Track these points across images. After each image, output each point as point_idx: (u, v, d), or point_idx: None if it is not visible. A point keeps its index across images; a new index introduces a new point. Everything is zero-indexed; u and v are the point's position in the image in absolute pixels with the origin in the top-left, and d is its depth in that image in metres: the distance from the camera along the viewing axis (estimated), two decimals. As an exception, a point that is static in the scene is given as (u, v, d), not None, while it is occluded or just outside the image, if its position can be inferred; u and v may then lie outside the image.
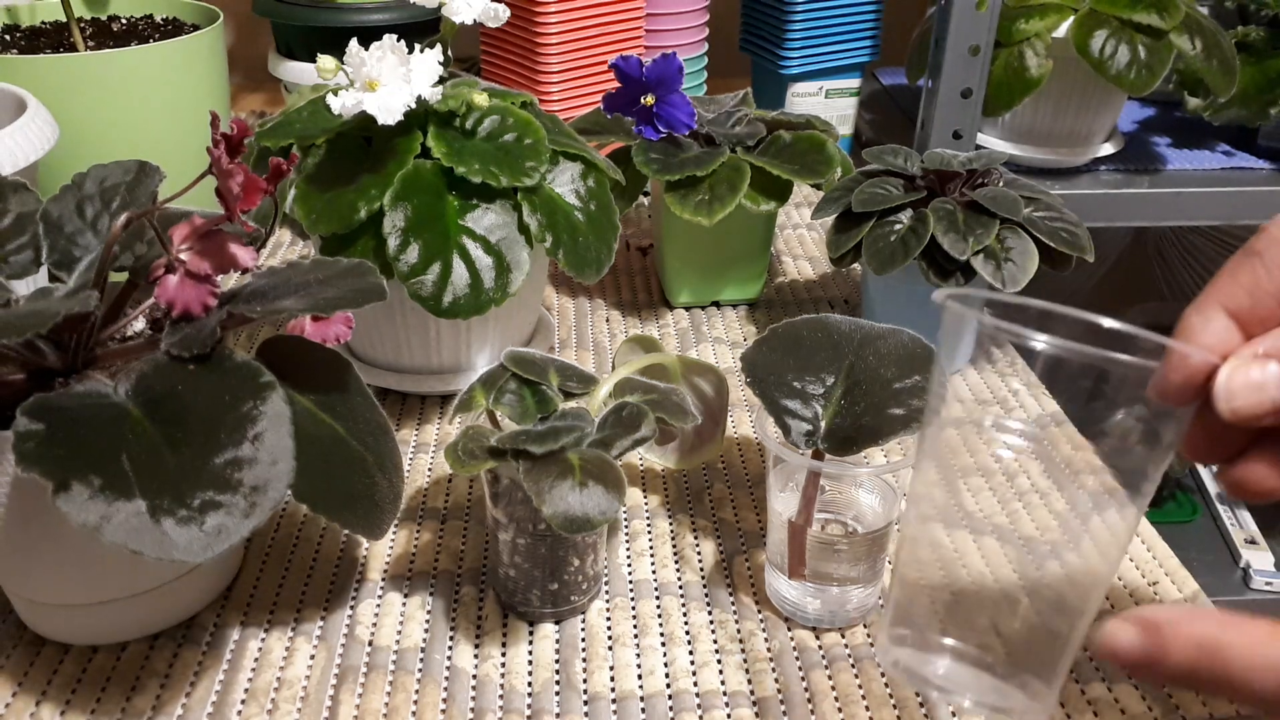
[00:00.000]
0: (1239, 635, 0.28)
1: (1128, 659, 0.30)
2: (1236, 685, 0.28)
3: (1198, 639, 0.28)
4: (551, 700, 0.45)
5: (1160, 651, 0.29)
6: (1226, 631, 0.28)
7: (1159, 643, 0.29)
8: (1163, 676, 0.29)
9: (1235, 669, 0.28)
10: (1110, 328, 0.33)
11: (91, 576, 0.44)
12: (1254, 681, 0.27)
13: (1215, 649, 0.28)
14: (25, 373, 0.42)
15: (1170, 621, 0.29)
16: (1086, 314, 0.34)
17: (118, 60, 0.71)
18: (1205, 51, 0.83)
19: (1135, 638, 0.29)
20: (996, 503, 0.37)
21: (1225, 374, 0.31)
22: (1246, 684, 0.28)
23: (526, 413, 0.46)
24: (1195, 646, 0.28)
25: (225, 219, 0.42)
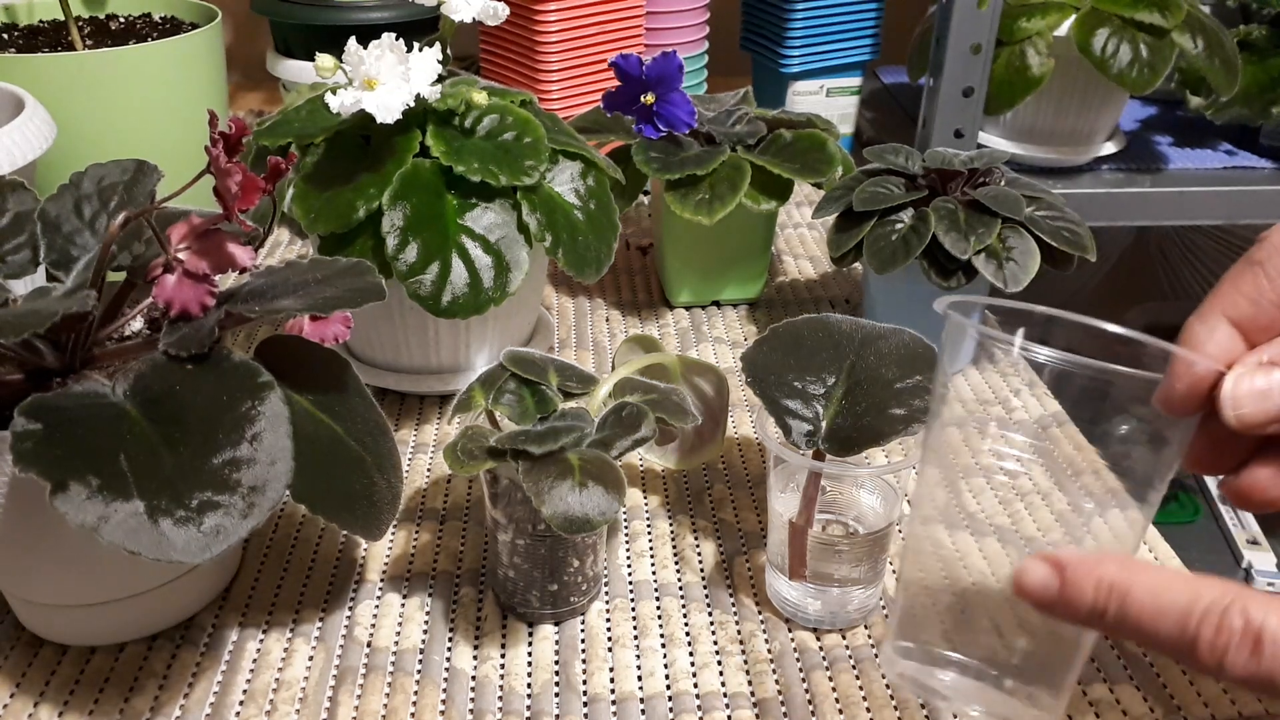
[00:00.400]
0: (1142, 578, 0.29)
1: (1037, 597, 0.30)
2: (1136, 627, 0.29)
3: (1103, 581, 0.29)
4: (551, 702, 0.44)
5: (1066, 591, 0.30)
6: (1131, 575, 0.29)
7: (1066, 583, 0.30)
8: (1069, 616, 0.30)
9: (1135, 611, 0.29)
10: (1116, 333, 0.33)
11: (89, 577, 0.44)
12: (1153, 624, 0.28)
13: (1119, 591, 0.29)
14: (23, 372, 0.42)
15: (1077, 563, 0.30)
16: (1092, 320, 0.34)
17: (116, 59, 0.71)
18: (1207, 50, 0.83)
19: (1044, 576, 0.30)
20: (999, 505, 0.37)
21: (1230, 383, 0.32)
22: (1147, 626, 0.28)
23: (526, 413, 0.46)
24: (1100, 588, 0.29)
25: (223, 218, 0.42)
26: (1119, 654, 0.47)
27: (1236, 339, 0.33)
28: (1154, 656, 0.47)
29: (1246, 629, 0.27)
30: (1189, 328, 0.34)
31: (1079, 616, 0.30)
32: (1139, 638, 0.29)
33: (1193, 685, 0.45)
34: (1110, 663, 0.47)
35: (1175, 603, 0.28)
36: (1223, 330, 0.33)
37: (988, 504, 0.38)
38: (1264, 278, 0.33)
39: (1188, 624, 0.28)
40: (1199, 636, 0.28)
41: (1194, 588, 0.28)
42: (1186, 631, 0.28)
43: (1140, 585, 0.29)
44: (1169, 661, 0.47)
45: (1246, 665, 0.27)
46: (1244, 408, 0.31)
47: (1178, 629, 0.28)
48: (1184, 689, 0.45)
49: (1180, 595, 0.28)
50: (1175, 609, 0.28)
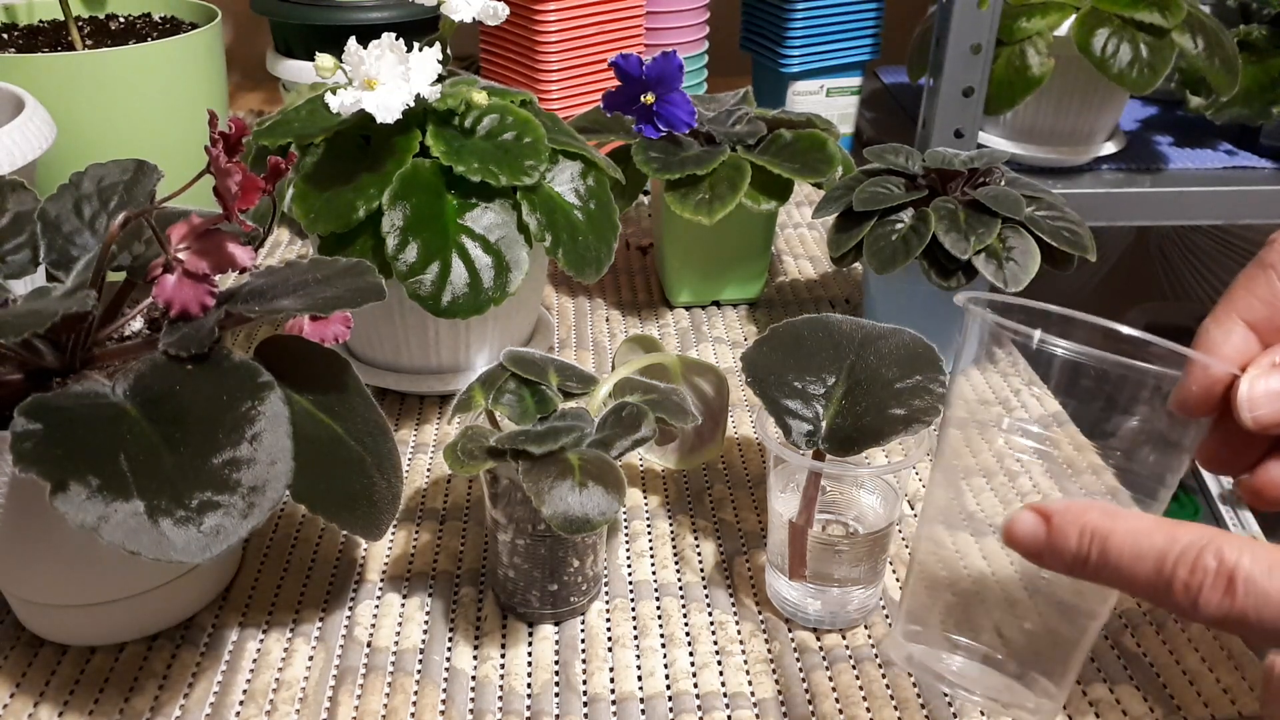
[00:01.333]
0: (1123, 524, 0.29)
1: (1025, 545, 0.31)
2: (1116, 570, 0.29)
3: (1086, 527, 0.30)
4: (551, 702, 0.44)
5: (1053, 538, 0.30)
6: (1112, 521, 0.30)
7: (1052, 530, 0.30)
8: (1056, 563, 0.31)
9: (1115, 555, 0.29)
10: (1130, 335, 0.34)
11: (89, 577, 0.44)
12: (1131, 567, 0.29)
13: (1101, 536, 0.30)
14: (23, 372, 0.42)
15: (1064, 510, 0.30)
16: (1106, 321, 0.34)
17: (116, 59, 0.71)
18: (1207, 50, 0.83)
19: (1032, 525, 0.31)
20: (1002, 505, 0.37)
21: (1246, 384, 0.32)
22: (1125, 569, 0.29)
23: (526, 413, 0.46)
24: (1083, 534, 0.30)
25: (223, 218, 0.42)
26: (1119, 654, 0.47)
27: (1252, 341, 0.34)
28: (1154, 656, 0.47)
29: (1220, 569, 0.28)
30: (1205, 331, 0.34)
31: (1064, 563, 0.30)
32: (1119, 582, 0.29)
33: (1192, 685, 0.45)
34: (1110, 663, 0.47)
35: (1153, 546, 0.29)
36: (1238, 333, 0.34)
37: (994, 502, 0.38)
38: (1277, 280, 0.34)
39: (1164, 566, 0.28)
40: (1174, 577, 0.28)
41: (1171, 531, 0.29)
42: (1163, 573, 0.28)
43: (1120, 530, 0.29)
44: (1169, 661, 0.47)
45: (1220, 605, 0.27)
46: (1260, 409, 0.32)
47: (1154, 571, 0.29)
48: (1184, 689, 0.45)
49: (1158, 538, 0.29)
50: (1153, 552, 0.29)
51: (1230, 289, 0.35)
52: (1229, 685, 0.45)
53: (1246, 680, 0.46)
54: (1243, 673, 0.46)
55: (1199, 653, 0.47)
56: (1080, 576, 0.30)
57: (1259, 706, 0.29)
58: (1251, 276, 0.34)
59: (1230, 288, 0.35)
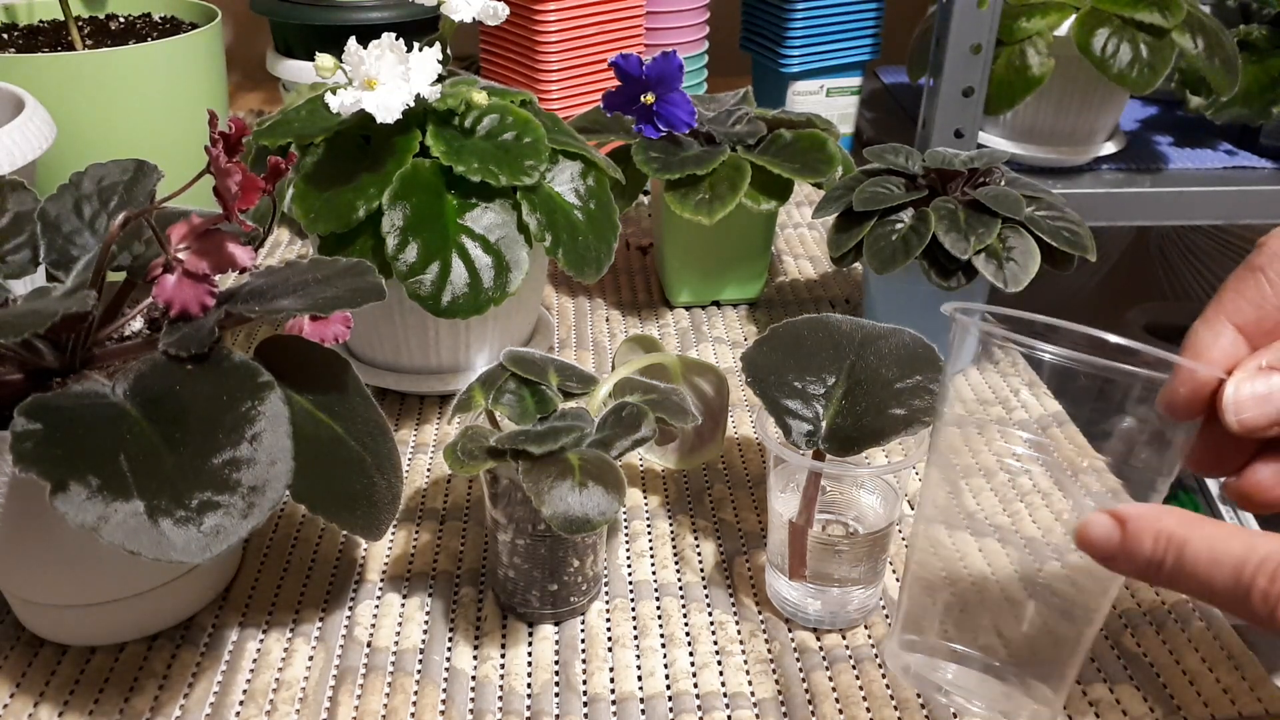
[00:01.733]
0: (1199, 531, 0.30)
1: (1099, 549, 0.31)
2: (1193, 577, 0.30)
3: (1162, 533, 0.30)
4: (551, 702, 0.44)
5: (1128, 543, 0.31)
6: (1188, 528, 0.30)
7: (1127, 535, 0.31)
8: (1128, 567, 0.31)
9: (1191, 562, 0.29)
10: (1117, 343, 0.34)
11: (89, 577, 0.44)
12: (1209, 574, 0.29)
13: (1177, 542, 0.30)
14: (23, 372, 0.42)
15: (1138, 516, 0.31)
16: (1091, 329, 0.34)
17: (116, 59, 0.71)
18: (1207, 50, 0.83)
19: (1107, 528, 0.31)
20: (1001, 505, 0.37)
21: (1232, 388, 0.32)
22: (1204, 576, 0.29)
23: (526, 413, 0.46)
24: (1159, 540, 0.30)
25: (223, 218, 0.42)
26: (1119, 654, 0.47)
27: (1240, 343, 0.34)
28: (1154, 656, 0.47)
29: None
30: (1194, 333, 0.35)
31: (1137, 567, 0.31)
32: (1194, 588, 0.30)
33: (1192, 685, 0.45)
34: (1110, 663, 0.47)
35: (1231, 553, 0.29)
36: (1227, 335, 0.34)
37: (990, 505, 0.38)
38: (1265, 283, 0.34)
39: (1242, 574, 0.29)
40: (1253, 586, 0.28)
41: (1250, 540, 0.29)
42: (1241, 582, 0.29)
43: (1198, 537, 0.30)
44: (1169, 661, 0.47)
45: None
46: (1245, 412, 0.32)
47: (1232, 579, 0.29)
48: (1184, 689, 0.45)
49: (1236, 547, 0.29)
50: (1230, 559, 0.29)
51: (1219, 292, 0.35)
52: (1229, 685, 0.45)
53: (1246, 680, 0.46)
54: (1243, 673, 0.46)
55: (1199, 653, 0.47)
56: (1154, 582, 0.31)
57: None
58: (1240, 279, 0.35)
59: (1219, 291, 0.35)
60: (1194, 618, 0.49)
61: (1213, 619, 0.49)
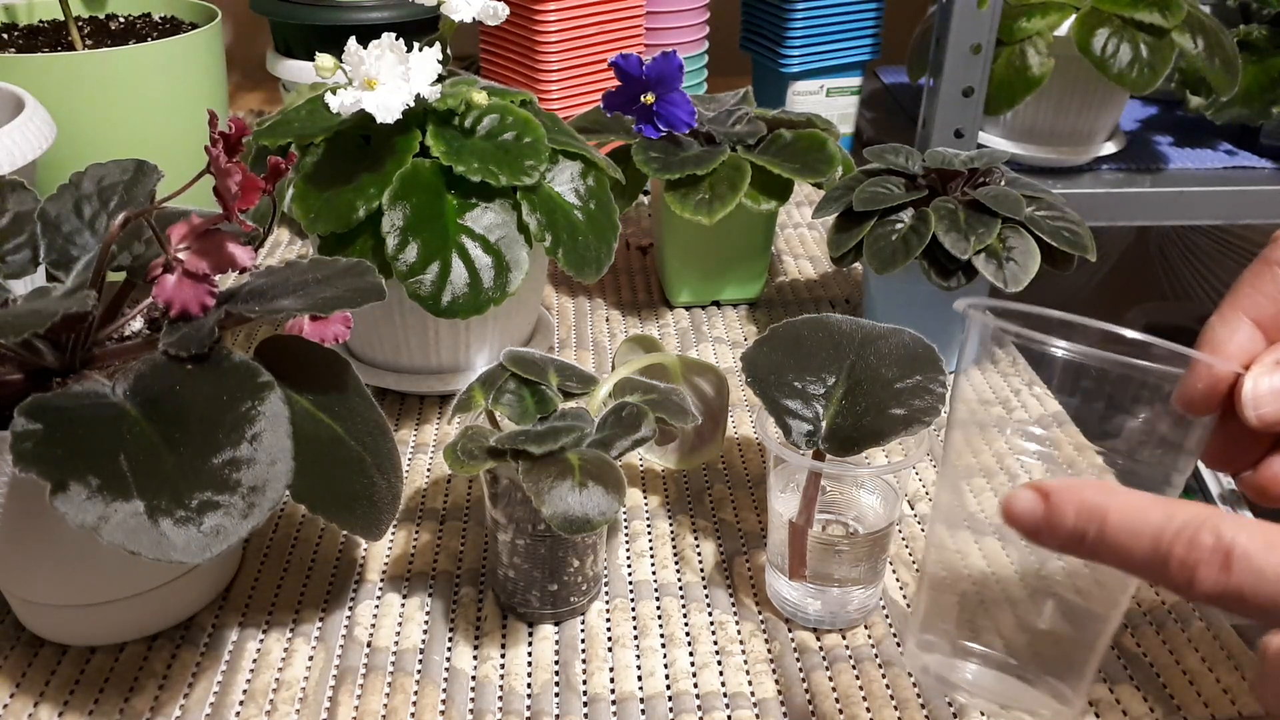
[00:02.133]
0: (1119, 501, 0.29)
1: (1023, 523, 0.31)
2: (1114, 547, 0.29)
3: (1084, 504, 0.30)
4: (551, 702, 0.44)
5: (1050, 516, 0.30)
6: (1109, 498, 0.30)
7: (1050, 507, 0.30)
8: (1053, 541, 0.30)
9: (1112, 533, 0.29)
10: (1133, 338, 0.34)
11: (89, 577, 0.44)
12: (1129, 544, 0.29)
13: (1098, 513, 0.29)
14: (23, 373, 0.42)
15: (1061, 489, 0.30)
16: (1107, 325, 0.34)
17: (116, 59, 0.71)
18: (1207, 50, 0.83)
19: (1030, 502, 0.31)
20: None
21: (1250, 382, 0.32)
22: (1124, 547, 0.29)
23: (526, 413, 0.46)
24: (1081, 512, 0.30)
25: (223, 218, 0.42)
26: (1119, 654, 0.47)
27: (1258, 338, 0.34)
28: (1154, 656, 0.47)
29: (1217, 546, 0.28)
30: (1210, 328, 0.35)
31: (1061, 540, 0.30)
32: (1116, 559, 0.29)
33: (1192, 685, 0.45)
34: (1110, 663, 0.47)
35: (1149, 522, 0.29)
36: (1244, 330, 0.34)
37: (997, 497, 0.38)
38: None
39: (1160, 542, 0.28)
40: (1170, 554, 0.28)
41: (1169, 509, 0.29)
42: (1159, 550, 0.28)
43: (1117, 507, 0.29)
44: (1169, 661, 0.47)
45: (1216, 581, 0.27)
46: (1264, 407, 0.32)
47: (1151, 548, 0.29)
48: (1184, 689, 0.45)
49: (1155, 515, 0.29)
50: (1149, 529, 0.29)
51: (1235, 286, 0.35)
52: (1229, 685, 0.45)
53: (1247, 680, 0.46)
54: (1242, 673, 0.46)
55: (1199, 653, 0.47)
56: (1077, 554, 0.30)
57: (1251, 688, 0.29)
58: (1257, 274, 0.34)
59: (1236, 284, 0.35)
60: (1194, 618, 0.49)
61: (1213, 619, 0.49)
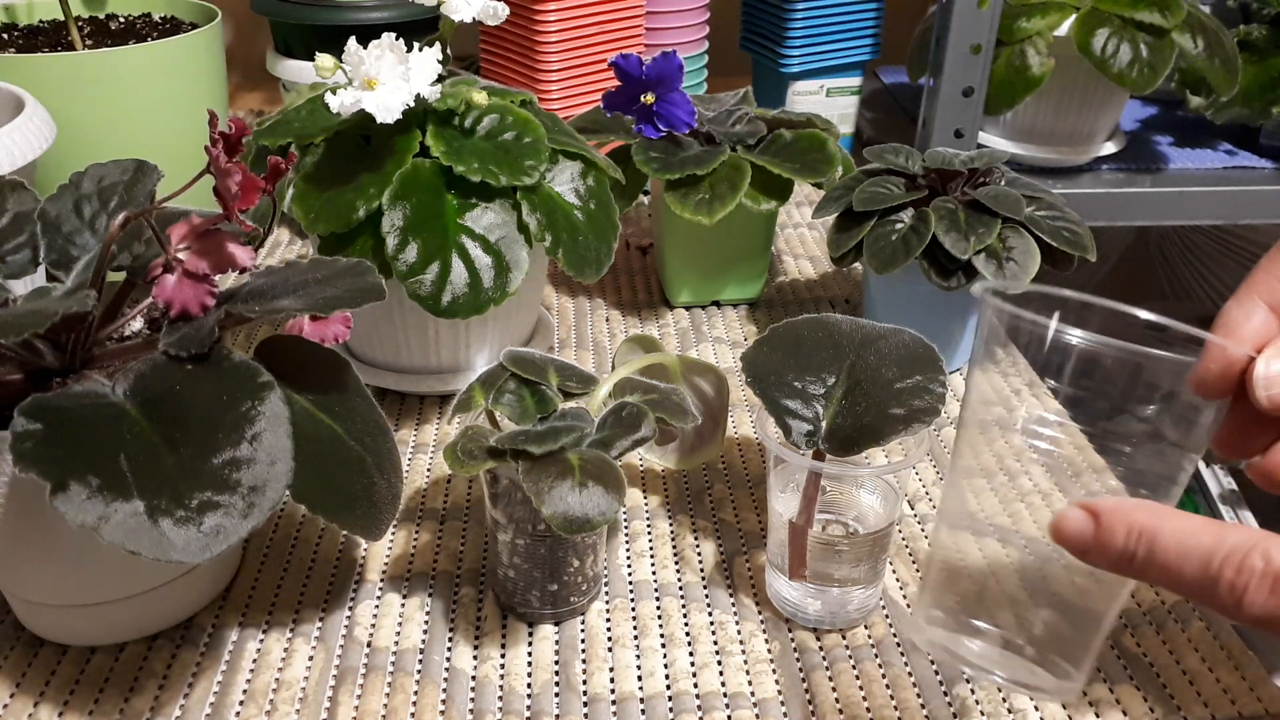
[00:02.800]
0: (1170, 524, 0.30)
1: (1072, 542, 0.31)
2: (1163, 568, 0.30)
3: (1134, 525, 0.30)
4: (551, 702, 0.44)
5: (1100, 536, 0.31)
6: (1160, 520, 0.30)
7: (1100, 528, 0.31)
8: (1101, 560, 0.31)
9: (1161, 554, 0.30)
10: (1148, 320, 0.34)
11: (89, 577, 0.44)
12: (1179, 566, 0.29)
13: (1149, 534, 0.30)
14: (23, 372, 0.42)
15: (1112, 509, 0.31)
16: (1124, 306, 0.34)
17: (116, 59, 0.71)
18: (1207, 50, 0.83)
19: (1080, 522, 0.31)
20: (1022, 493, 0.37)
21: (1262, 364, 0.33)
22: (1174, 568, 0.29)
23: (526, 413, 0.46)
24: (1131, 533, 0.30)
25: (223, 218, 0.42)
26: (1119, 654, 0.47)
27: (1273, 322, 0.34)
28: (1154, 656, 0.47)
29: (1267, 570, 0.28)
30: (1226, 312, 0.35)
31: (1110, 560, 0.31)
32: (1164, 580, 0.30)
33: (1192, 685, 0.45)
34: (1110, 663, 0.47)
35: (1200, 545, 0.29)
36: (1259, 314, 0.34)
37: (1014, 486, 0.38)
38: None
39: (1210, 565, 0.29)
40: (1220, 577, 0.29)
41: (1220, 533, 0.29)
42: (1208, 572, 0.29)
43: (1168, 529, 0.30)
44: (1169, 661, 0.47)
45: (1265, 604, 0.28)
46: (1275, 389, 0.32)
47: (1200, 570, 0.29)
48: (1184, 689, 0.45)
49: (1206, 538, 0.29)
50: (1200, 551, 0.29)
51: (1253, 271, 0.35)
52: (1229, 685, 0.45)
53: (1246, 680, 0.46)
54: (1243, 673, 0.46)
55: (1199, 653, 0.47)
56: (1126, 574, 0.31)
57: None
58: (1274, 259, 0.35)
59: (1254, 270, 0.35)
60: (1194, 618, 0.49)
61: (1213, 619, 0.49)
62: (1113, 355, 0.32)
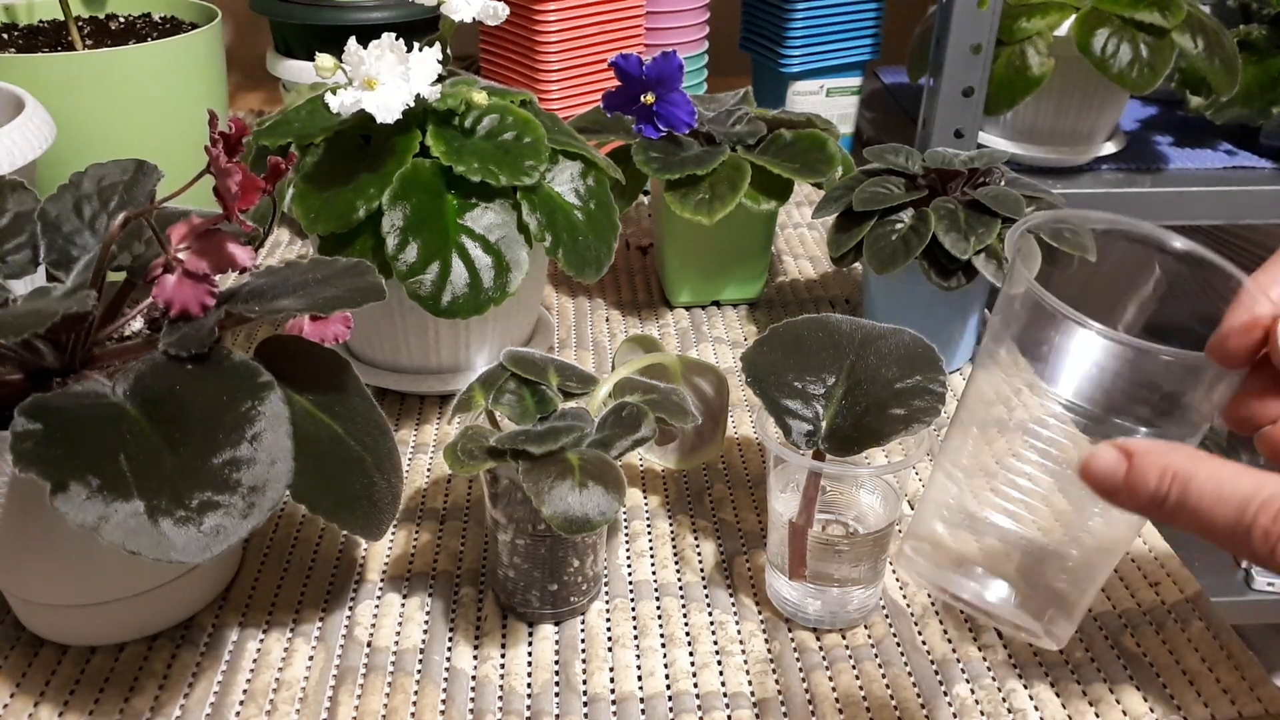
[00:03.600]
0: (1206, 467, 0.29)
1: (1102, 481, 0.31)
2: (1195, 511, 0.29)
3: (1169, 467, 0.30)
4: (551, 701, 0.44)
5: (1132, 476, 0.30)
6: (1195, 464, 0.30)
7: (1132, 468, 0.30)
8: (1130, 502, 0.30)
9: (1195, 497, 0.29)
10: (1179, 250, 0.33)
11: (89, 577, 0.44)
12: (1212, 510, 0.29)
13: (1183, 478, 0.29)
14: (23, 372, 0.42)
15: (1146, 450, 0.30)
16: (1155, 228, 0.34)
17: (116, 59, 0.71)
18: (1207, 50, 0.83)
19: (1112, 461, 0.31)
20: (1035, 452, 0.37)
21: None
22: (1206, 513, 0.29)
23: (526, 413, 0.46)
24: (1165, 474, 0.30)
25: (223, 218, 0.42)
26: (1119, 654, 0.47)
27: None
28: (1154, 656, 0.47)
29: None
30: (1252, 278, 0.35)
31: (1140, 502, 0.30)
32: (1194, 523, 0.29)
33: (1192, 685, 0.45)
34: (1110, 663, 0.47)
35: (1237, 490, 0.29)
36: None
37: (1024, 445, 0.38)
38: None
39: (1246, 511, 0.28)
40: (1254, 524, 0.28)
41: (1258, 479, 0.29)
42: (1244, 518, 0.28)
43: (1204, 473, 0.29)
44: (1169, 661, 0.47)
45: None
46: None
47: (1235, 515, 0.28)
48: (1184, 689, 0.45)
49: (1244, 484, 0.29)
50: (1236, 496, 0.29)
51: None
52: (1229, 685, 0.45)
53: (1246, 680, 0.46)
54: (1243, 673, 0.46)
55: (1199, 653, 0.47)
56: (1155, 517, 0.30)
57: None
58: None
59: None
60: (1194, 618, 0.49)
61: (1213, 619, 0.49)
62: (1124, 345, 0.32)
